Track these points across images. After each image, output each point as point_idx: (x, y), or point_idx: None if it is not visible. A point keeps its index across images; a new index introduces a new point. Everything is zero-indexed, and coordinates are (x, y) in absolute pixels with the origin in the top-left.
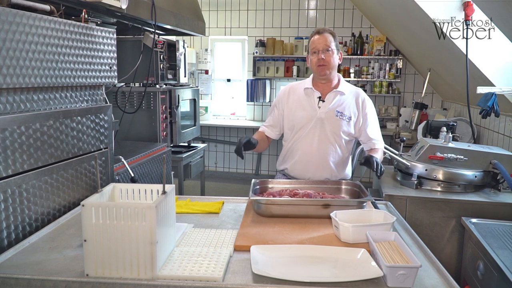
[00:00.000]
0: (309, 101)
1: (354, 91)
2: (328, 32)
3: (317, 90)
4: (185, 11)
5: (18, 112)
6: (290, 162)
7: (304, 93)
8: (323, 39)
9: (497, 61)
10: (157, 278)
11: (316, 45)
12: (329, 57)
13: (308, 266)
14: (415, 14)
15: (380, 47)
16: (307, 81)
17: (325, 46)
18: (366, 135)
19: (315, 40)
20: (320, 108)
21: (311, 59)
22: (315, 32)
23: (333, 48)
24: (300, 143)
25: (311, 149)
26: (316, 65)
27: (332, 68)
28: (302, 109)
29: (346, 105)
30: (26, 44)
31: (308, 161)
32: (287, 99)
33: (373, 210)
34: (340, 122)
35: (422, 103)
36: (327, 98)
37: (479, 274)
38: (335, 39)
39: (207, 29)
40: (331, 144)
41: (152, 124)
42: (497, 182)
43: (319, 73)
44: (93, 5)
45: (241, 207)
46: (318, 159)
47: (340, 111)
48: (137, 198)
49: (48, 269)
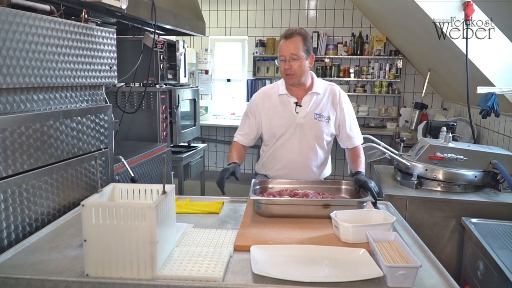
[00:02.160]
0: (286, 107)
1: (329, 89)
2: (298, 35)
3: (292, 95)
4: (185, 11)
5: (18, 112)
6: (273, 168)
7: (280, 99)
8: (292, 45)
9: (497, 61)
10: (157, 278)
11: (283, 52)
12: (297, 66)
13: (308, 266)
14: (415, 14)
15: (380, 47)
16: (280, 86)
17: (291, 55)
18: (345, 133)
19: (283, 47)
20: (298, 114)
21: (280, 65)
22: (283, 35)
23: (301, 55)
24: (281, 150)
25: (293, 155)
26: (284, 74)
27: (301, 75)
28: (280, 116)
29: (323, 105)
30: (26, 44)
31: (290, 167)
32: (263, 106)
33: (373, 210)
34: (319, 125)
35: (422, 103)
36: (303, 102)
37: (479, 274)
38: (306, 40)
39: (207, 29)
40: (312, 148)
41: (152, 124)
42: (497, 182)
43: (287, 81)
44: (93, 5)
45: (241, 207)
46: (300, 164)
47: (318, 113)
48: (137, 198)
49: (48, 269)
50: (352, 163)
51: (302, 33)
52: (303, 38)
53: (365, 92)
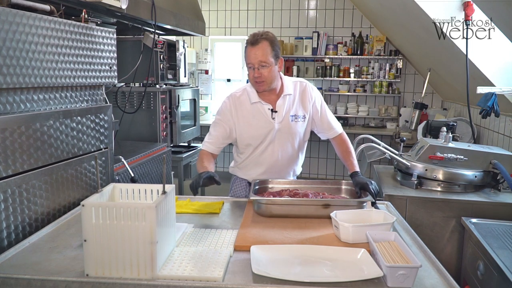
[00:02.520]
0: (262, 116)
1: (298, 87)
2: (264, 40)
3: (266, 102)
4: (185, 11)
5: (18, 112)
6: (253, 174)
7: (253, 108)
8: (259, 52)
9: (497, 61)
10: (157, 278)
11: (251, 60)
12: (267, 73)
13: (308, 266)
14: (415, 14)
15: (380, 47)
16: (250, 93)
17: (260, 62)
18: (325, 124)
19: (250, 54)
20: (275, 120)
21: (248, 72)
22: (249, 41)
23: (270, 61)
24: (262, 157)
25: (274, 159)
26: (253, 81)
27: (272, 81)
28: (257, 126)
29: (296, 105)
30: (26, 44)
31: (272, 172)
32: (236, 114)
33: (373, 210)
34: (296, 126)
35: (422, 103)
36: (278, 106)
37: (479, 274)
38: (274, 45)
39: (207, 29)
40: (294, 150)
41: (152, 124)
42: (497, 182)
43: (257, 89)
44: (93, 5)
45: (241, 207)
46: (282, 167)
47: (293, 114)
48: (137, 198)
49: (48, 269)
50: (345, 161)
51: (269, 38)
52: (271, 43)
53: (365, 92)
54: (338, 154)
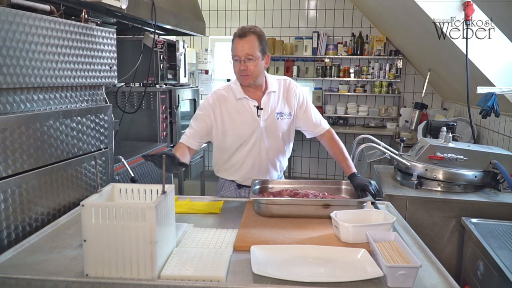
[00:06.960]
0: (247, 112)
1: (282, 84)
2: (253, 34)
3: (252, 98)
4: (185, 11)
5: (18, 112)
6: (239, 174)
7: (238, 104)
8: (247, 45)
9: (497, 61)
10: (157, 278)
11: (237, 52)
12: (253, 66)
13: (308, 266)
14: (415, 14)
15: (380, 47)
16: (235, 89)
17: (247, 55)
18: (312, 121)
19: (237, 46)
20: (260, 117)
21: (234, 65)
22: (237, 34)
23: (257, 55)
24: (248, 157)
25: (260, 159)
26: (239, 75)
27: (257, 76)
28: (243, 123)
29: (281, 102)
30: (26, 44)
31: (258, 170)
32: (219, 110)
33: (373, 210)
34: (282, 123)
35: (422, 103)
36: (263, 103)
37: (479, 274)
38: (262, 40)
39: (207, 29)
40: (281, 147)
41: (152, 124)
42: (497, 182)
43: (242, 82)
44: (93, 5)
45: (241, 207)
46: (268, 166)
47: (279, 112)
48: (137, 198)
49: (48, 269)
50: (341, 163)
51: (257, 32)
52: (258, 37)
53: (365, 92)
54: (332, 155)
